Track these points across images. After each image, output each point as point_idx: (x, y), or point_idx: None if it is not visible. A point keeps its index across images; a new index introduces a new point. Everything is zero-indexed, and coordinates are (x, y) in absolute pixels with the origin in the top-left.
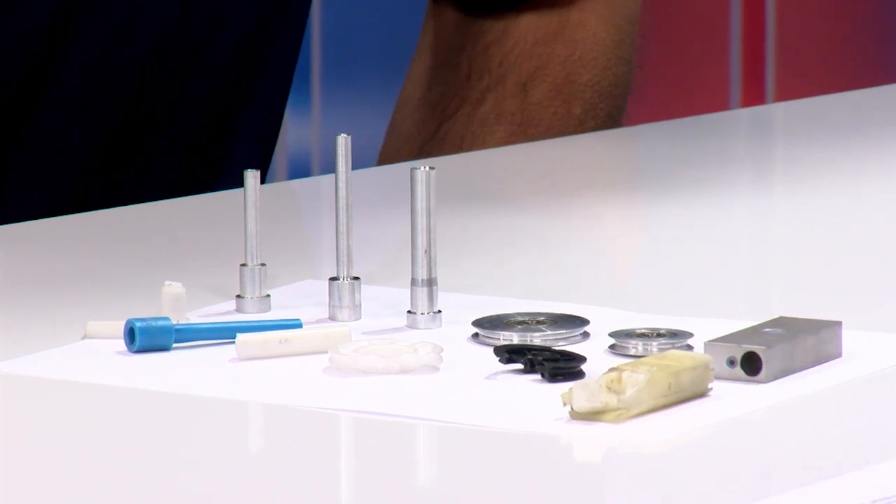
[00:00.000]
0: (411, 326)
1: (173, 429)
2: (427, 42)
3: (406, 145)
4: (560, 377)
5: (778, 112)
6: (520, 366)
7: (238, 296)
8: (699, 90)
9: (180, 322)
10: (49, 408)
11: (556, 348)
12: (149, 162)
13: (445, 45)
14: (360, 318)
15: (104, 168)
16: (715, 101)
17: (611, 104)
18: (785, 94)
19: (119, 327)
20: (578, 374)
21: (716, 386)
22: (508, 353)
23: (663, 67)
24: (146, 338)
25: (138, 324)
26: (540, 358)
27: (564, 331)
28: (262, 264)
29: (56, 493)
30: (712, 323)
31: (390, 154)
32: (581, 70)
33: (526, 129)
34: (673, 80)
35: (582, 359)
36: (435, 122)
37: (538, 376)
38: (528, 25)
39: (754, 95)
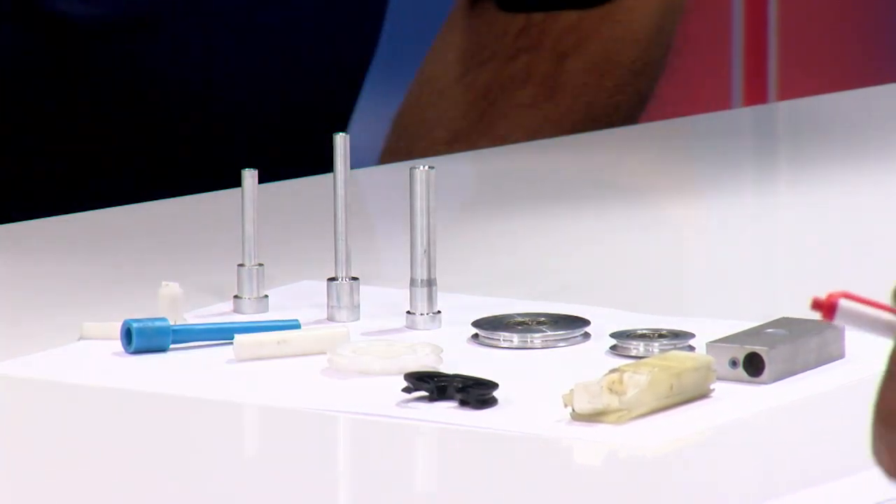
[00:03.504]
0: (410, 327)
1: (170, 430)
2: (460, 13)
3: (428, 85)
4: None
5: (780, 111)
6: (425, 393)
7: (236, 296)
8: (701, 89)
9: (177, 323)
10: (46, 409)
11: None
12: (146, 162)
13: (483, 15)
14: (358, 318)
15: (101, 168)
16: (717, 100)
17: (642, 84)
18: (787, 92)
19: (116, 328)
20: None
21: (718, 387)
22: (413, 382)
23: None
24: (143, 339)
25: (135, 325)
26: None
27: (565, 331)
28: (260, 265)
29: (53, 494)
30: (714, 323)
31: (413, 95)
32: (621, 49)
33: (555, 94)
34: (674, 79)
35: (494, 385)
36: (463, 66)
37: (453, 403)
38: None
39: (756, 94)
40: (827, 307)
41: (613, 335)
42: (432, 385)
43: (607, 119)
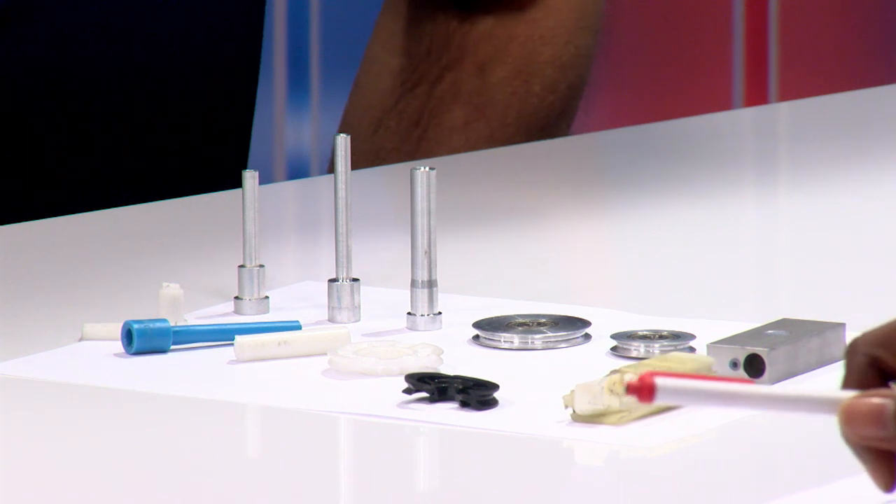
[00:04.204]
0: (411, 328)
1: (171, 431)
2: (394, 4)
3: (367, 114)
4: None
5: (781, 112)
6: (426, 394)
7: (236, 297)
8: (702, 90)
9: (178, 324)
10: (46, 410)
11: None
12: (146, 162)
13: (413, 13)
14: (359, 319)
15: (101, 169)
16: (718, 101)
17: (572, 76)
18: (788, 93)
19: (116, 329)
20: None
21: None
22: (414, 383)
23: (666, 67)
24: (144, 340)
25: (136, 325)
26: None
27: (566, 332)
28: (261, 266)
29: (53, 494)
30: (715, 324)
31: (352, 120)
32: (542, 48)
33: (484, 110)
34: (675, 80)
35: (495, 386)
36: (395, 94)
37: (453, 404)
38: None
39: (757, 95)
40: (645, 389)
41: (614, 336)
42: (433, 386)
43: (543, 122)
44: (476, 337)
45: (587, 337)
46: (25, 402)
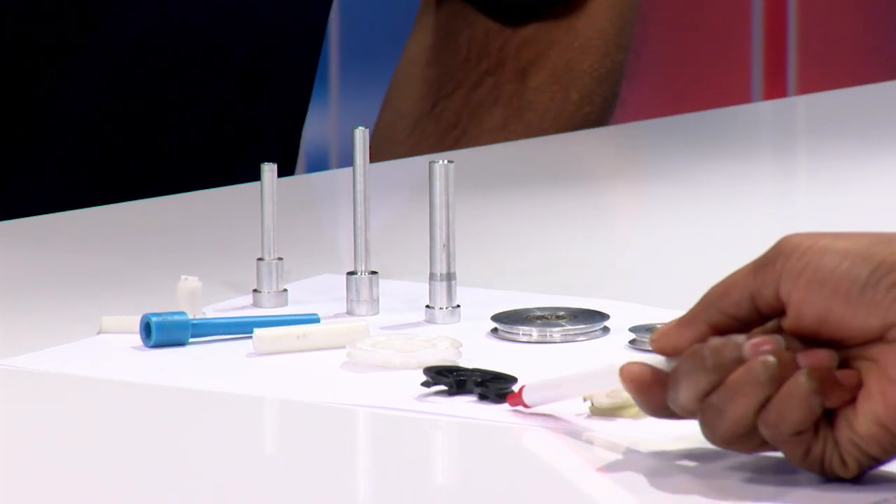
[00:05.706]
0: (430, 321)
1: (189, 424)
2: (426, 21)
3: (400, 120)
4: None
5: (800, 105)
6: (444, 387)
7: (255, 290)
8: (721, 83)
9: (196, 317)
10: (65, 403)
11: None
12: (164, 155)
13: (445, 26)
14: (377, 312)
15: (119, 162)
16: (737, 94)
17: (607, 90)
18: (807, 86)
19: (135, 322)
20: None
21: None
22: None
23: (685, 60)
24: (162, 332)
25: (154, 318)
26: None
27: (584, 325)
28: (279, 259)
29: (72, 487)
30: None
31: (384, 129)
32: (581, 57)
33: (523, 113)
34: (694, 73)
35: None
36: (431, 100)
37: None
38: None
39: (776, 88)
40: (517, 397)
41: (632, 329)
42: (451, 379)
43: (578, 130)
44: (494, 330)
45: (606, 330)
46: (43, 396)
